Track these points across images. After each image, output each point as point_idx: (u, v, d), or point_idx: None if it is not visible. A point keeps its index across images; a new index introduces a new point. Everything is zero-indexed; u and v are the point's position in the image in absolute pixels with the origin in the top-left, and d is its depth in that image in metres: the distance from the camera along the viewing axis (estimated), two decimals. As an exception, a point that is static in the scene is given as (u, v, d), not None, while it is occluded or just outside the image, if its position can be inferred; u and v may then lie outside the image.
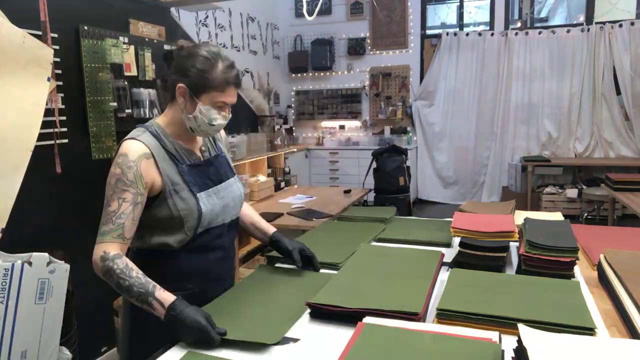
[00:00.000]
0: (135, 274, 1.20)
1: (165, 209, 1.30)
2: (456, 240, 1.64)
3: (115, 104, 2.87)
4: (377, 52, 6.62)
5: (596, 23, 5.72)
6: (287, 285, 1.42)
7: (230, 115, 1.39)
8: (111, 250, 1.21)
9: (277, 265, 1.63)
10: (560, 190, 5.78)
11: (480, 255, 1.48)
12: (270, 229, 1.60)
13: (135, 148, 1.28)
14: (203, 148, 1.45)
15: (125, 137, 1.32)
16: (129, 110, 3.01)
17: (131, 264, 1.21)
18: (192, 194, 1.32)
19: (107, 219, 1.23)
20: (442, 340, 1.01)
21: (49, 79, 1.92)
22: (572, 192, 5.61)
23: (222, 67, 1.30)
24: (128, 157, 1.26)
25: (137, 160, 1.26)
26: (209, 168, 1.42)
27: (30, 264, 1.57)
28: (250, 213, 1.63)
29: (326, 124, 6.98)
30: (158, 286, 1.18)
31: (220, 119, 1.35)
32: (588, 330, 1.04)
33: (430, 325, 1.12)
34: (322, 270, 1.54)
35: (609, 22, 5.66)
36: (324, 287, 1.32)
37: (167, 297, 1.16)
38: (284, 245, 1.53)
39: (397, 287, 1.30)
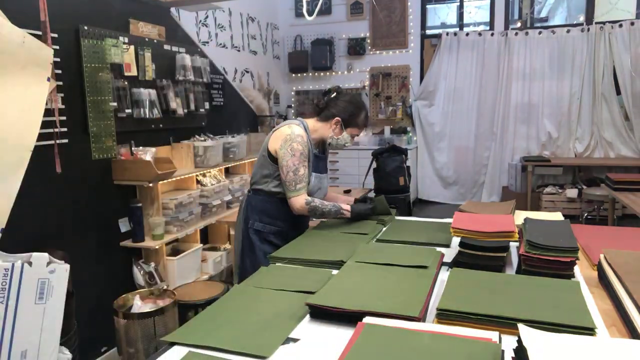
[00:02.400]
0: (327, 203, 2.04)
1: None
2: (456, 240, 1.64)
3: (115, 104, 2.87)
4: (377, 52, 6.62)
5: (596, 23, 5.72)
6: (282, 292, 1.39)
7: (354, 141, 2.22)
8: (307, 197, 1.99)
9: (279, 264, 1.63)
10: (560, 190, 5.78)
11: (480, 255, 1.48)
12: (351, 198, 2.32)
13: (304, 134, 2.02)
14: (318, 149, 2.16)
15: (291, 122, 2.07)
16: (129, 110, 3.01)
17: (320, 200, 2.04)
18: (310, 172, 2.04)
19: (300, 179, 1.96)
20: (442, 340, 1.01)
21: (49, 79, 1.92)
22: (572, 192, 5.61)
23: (363, 115, 2.14)
24: (304, 139, 2.00)
25: (307, 141, 2.03)
26: (321, 161, 2.17)
27: (30, 264, 1.57)
28: (337, 195, 2.39)
29: (326, 124, 6.97)
30: (339, 204, 2.07)
31: (349, 143, 2.15)
32: (588, 330, 1.04)
33: (430, 325, 1.12)
34: (321, 269, 1.54)
35: (609, 22, 5.66)
36: (324, 286, 1.32)
37: (347, 207, 2.09)
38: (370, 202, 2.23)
39: (397, 288, 1.30)
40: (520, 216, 1.86)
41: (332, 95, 2.13)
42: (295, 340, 1.11)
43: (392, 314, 1.14)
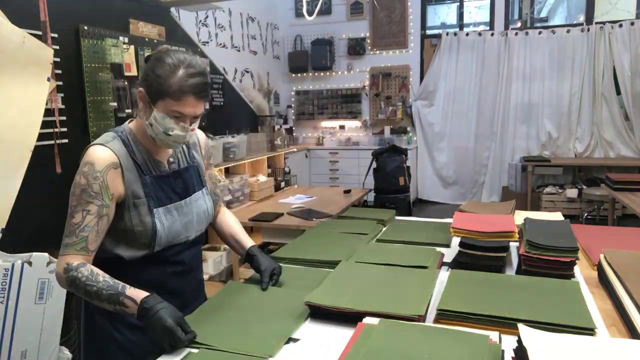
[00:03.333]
0: (102, 278, 1.15)
1: (122, 222, 1.24)
2: (456, 240, 1.64)
3: (115, 104, 2.87)
4: (377, 52, 6.62)
5: (596, 23, 5.72)
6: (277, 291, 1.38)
7: (194, 128, 1.27)
8: (74, 260, 1.17)
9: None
10: (560, 190, 5.78)
11: (480, 255, 1.48)
12: (248, 242, 1.49)
13: (104, 157, 1.21)
14: (172, 159, 1.35)
15: (94, 142, 1.25)
16: (129, 110, 3.01)
17: (96, 270, 1.17)
18: (149, 210, 1.25)
19: (70, 231, 1.18)
20: (442, 338, 1.01)
21: (49, 79, 1.93)
22: (572, 192, 5.61)
23: (181, 74, 1.19)
24: (94, 166, 1.20)
25: (105, 170, 1.20)
26: (175, 180, 1.33)
27: (30, 264, 1.57)
28: (231, 222, 1.55)
29: (326, 124, 6.98)
30: (128, 285, 1.14)
31: (178, 129, 1.23)
32: (588, 330, 1.04)
33: (430, 326, 1.12)
34: (322, 269, 1.54)
35: (609, 22, 5.66)
36: (321, 284, 1.32)
37: (138, 293, 1.13)
38: (257, 263, 1.42)
39: (397, 288, 1.30)
40: (520, 216, 1.86)
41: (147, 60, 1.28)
42: (295, 340, 1.11)
43: (393, 314, 1.14)
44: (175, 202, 1.31)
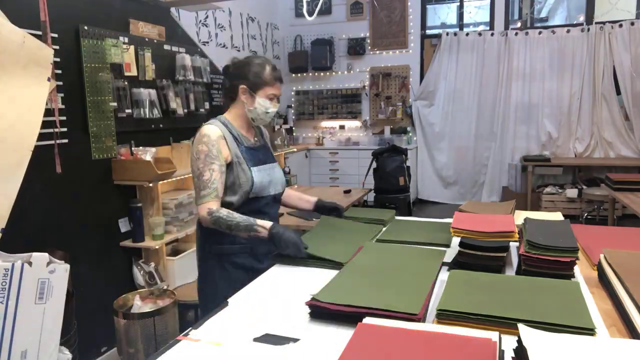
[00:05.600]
0: (237, 214, 1.65)
1: (231, 176, 1.74)
2: (456, 240, 1.64)
3: (115, 104, 2.87)
4: (377, 52, 6.62)
5: (596, 23, 5.72)
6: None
7: (278, 104, 1.85)
8: (213, 205, 1.66)
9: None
10: (560, 190, 5.78)
11: (480, 255, 1.48)
12: (313, 198, 2.08)
13: (214, 131, 1.72)
14: (255, 138, 1.90)
15: (205, 123, 1.78)
16: (129, 110, 3.01)
17: (230, 210, 1.67)
18: (248, 167, 1.76)
19: (204, 185, 1.66)
20: (441, 339, 1.01)
21: (49, 79, 1.92)
22: (572, 192, 5.61)
23: (269, 69, 1.79)
24: (210, 137, 1.70)
25: (217, 140, 1.70)
26: (259, 151, 1.86)
27: (30, 264, 1.57)
28: (296, 192, 2.14)
29: (326, 124, 6.98)
30: (257, 220, 1.64)
31: (272, 107, 1.80)
32: (588, 330, 1.04)
33: (430, 326, 1.12)
34: (325, 270, 1.54)
35: (609, 22, 5.66)
36: (326, 285, 1.32)
37: (265, 223, 1.64)
38: (327, 206, 2.03)
39: (398, 287, 1.30)
40: (520, 216, 1.86)
41: (229, 67, 1.84)
42: (295, 340, 1.11)
43: (392, 311, 1.14)
44: (263, 165, 1.83)
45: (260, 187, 1.77)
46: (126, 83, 2.98)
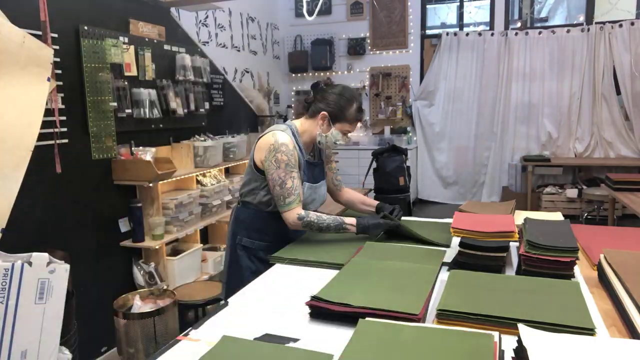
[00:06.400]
0: (326, 216, 1.80)
1: None
2: (456, 240, 1.64)
3: (115, 104, 2.87)
4: (377, 52, 6.62)
5: (596, 23, 5.72)
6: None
7: (350, 139, 1.93)
8: (300, 211, 1.77)
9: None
10: (560, 190, 5.78)
11: (480, 255, 1.48)
12: (374, 201, 2.12)
13: (290, 140, 1.79)
14: (312, 153, 1.97)
15: (275, 128, 1.83)
16: (129, 110, 3.01)
17: (318, 213, 1.82)
18: (301, 182, 1.84)
19: (289, 192, 1.74)
20: (441, 338, 1.01)
21: (49, 79, 1.92)
22: (572, 192, 5.61)
23: (354, 108, 1.84)
24: (289, 147, 1.76)
25: (293, 150, 1.78)
26: (315, 168, 1.95)
27: (30, 264, 1.57)
28: (357, 195, 2.19)
29: (326, 124, 6.97)
30: (344, 219, 1.80)
31: (342, 141, 1.87)
32: (588, 330, 1.04)
33: (430, 326, 1.12)
34: (326, 270, 1.54)
35: (609, 22, 5.66)
36: (326, 285, 1.32)
37: (352, 220, 1.81)
38: (385, 209, 1.99)
39: (398, 287, 1.30)
40: (520, 216, 1.86)
41: (321, 88, 1.91)
42: (295, 340, 1.11)
43: (392, 311, 1.14)
44: (312, 183, 1.91)
45: (302, 203, 1.83)
46: (126, 83, 2.98)
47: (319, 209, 2.04)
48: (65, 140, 2.56)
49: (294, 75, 6.95)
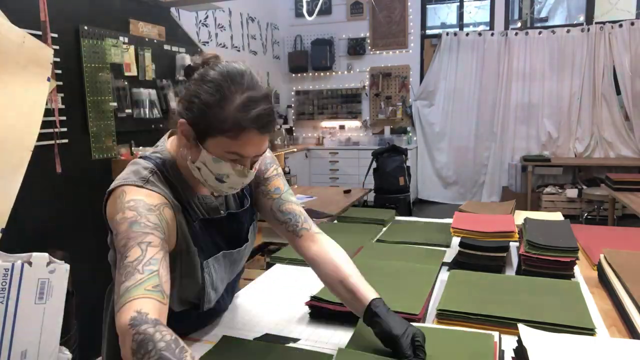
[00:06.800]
0: (189, 355, 0.74)
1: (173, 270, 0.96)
2: (456, 240, 1.64)
3: (115, 104, 2.87)
4: (377, 52, 6.62)
5: (596, 23, 5.72)
6: None
7: (256, 168, 0.98)
8: (147, 310, 0.77)
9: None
10: (560, 190, 5.78)
11: (480, 255, 1.48)
12: (369, 292, 1.02)
13: (154, 196, 0.93)
14: (216, 198, 1.08)
15: (125, 181, 0.94)
16: (129, 110, 3.01)
17: (180, 340, 0.75)
18: (199, 263, 1.01)
19: (129, 271, 0.81)
20: (441, 336, 1.01)
21: (49, 79, 1.92)
22: (572, 192, 5.61)
23: (239, 102, 0.88)
24: (145, 201, 0.90)
25: (160, 205, 0.92)
26: (229, 224, 1.07)
27: (30, 264, 1.57)
28: (338, 261, 1.06)
29: (326, 124, 6.98)
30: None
31: (234, 174, 0.94)
32: (588, 330, 1.04)
33: (430, 326, 1.12)
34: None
35: (609, 22, 5.66)
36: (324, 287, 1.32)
37: None
38: (386, 326, 0.94)
39: (398, 287, 1.30)
40: (520, 216, 1.86)
41: (189, 75, 0.96)
42: (295, 340, 1.11)
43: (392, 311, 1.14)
44: (224, 250, 1.07)
45: (217, 289, 1.08)
46: (126, 83, 2.98)
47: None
48: (65, 140, 2.56)
49: (294, 75, 6.95)
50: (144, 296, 0.78)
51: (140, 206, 0.89)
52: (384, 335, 0.94)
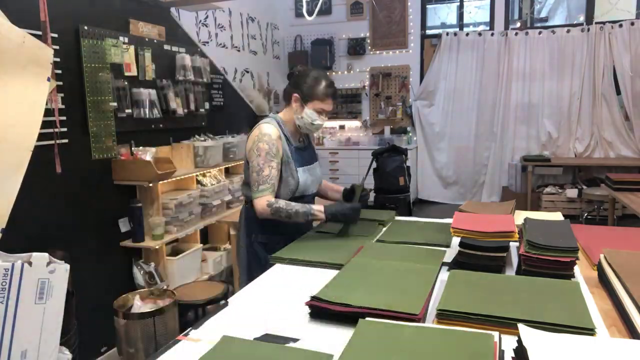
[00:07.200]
0: (294, 203, 1.82)
1: (281, 173, 1.89)
2: (456, 240, 1.64)
3: (115, 104, 2.87)
4: (377, 52, 6.62)
5: (596, 23, 5.72)
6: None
7: (327, 119, 1.97)
8: (271, 198, 1.81)
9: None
10: (560, 190, 5.78)
11: (480, 255, 1.48)
12: (341, 188, 2.21)
13: (274, 131, 1.88)
14: (301, 139, 2.05)
15: (262, 122, 1.92)
16: (129, 110, 3.01)
17: (288, 201, 1.84)
18: (295, 168, 1.92)
19: (264, 180, 1.81)
20: (440, 337, 1.01)
21: (49, 79, 1.92)
22: (572, 192, 5.61)
23: (323, 85, 1.91)
24: (271, 136, 1.85)
25: (277, 139, 1.87)
26: (305, 151, 2.03)
27: (30, 264, 1.57)
28: (328, 184, 2.24)
29: (326, 124, 6.96)
30: (312, 206, 1.84)
31: (319, 120, 1.92)
32: (588, 330, 1.04)
33: (430, 326, 1.12)
34: (326, 270, 1.54)
35: (609, 22, 5.66)
36: (326, 285, 1.32)
37: (320, 207, 1.85)
38: (351, 191, 2.07)
39: (398, 287, 1.30)
40: (520, 216, 1.86)
41: (293, 74, 2.01)
42: (295, 340, 1.11)
43: (392, 311, 1.14)
44: (308, 165, 2.00)
45: (304, 187, 1.95)
46: (126, 83, 2.98)
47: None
48: (65, 140, 2.56)
49: (294, 75, 6.94)
50: (269, 194, 1.83)
51: (270, 140, 1.85)
52: (348, 196, 2.08)
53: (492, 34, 6.11)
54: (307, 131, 1.99)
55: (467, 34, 6.22)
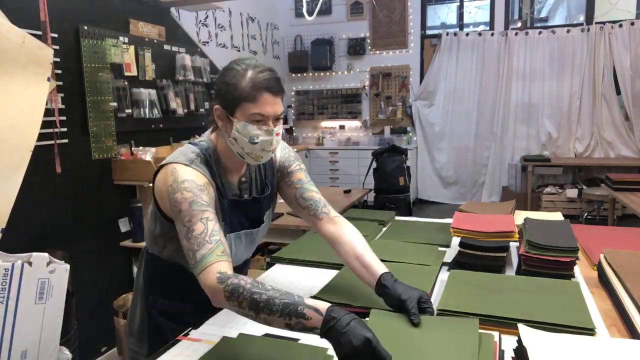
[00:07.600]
0: (269, 285, 1.00)
1: None
2: (456, 240, 1.64)
3: (115, 104, 2.87)
4: (377, 52, 6.62)
5: (596, 23, 5.72)
6: None
7: (278, 132, 1.18)
8: (223, 266, 1.02)
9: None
10: (560, 190, 5.78)
11: (480, 255, 1.48)
12: (380, 267, 1.19)
13: (198, 177, 1.14)
14: (244, 179, 1.29)
15: (175, 160, 1.16)
16: (129, 110, 3.01)
17: (254, 279, 1.02)
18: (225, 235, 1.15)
19: (199, 243, 1.05)
20: (440, 331, 1.01)
21: (49, 79, 1.92)
22: (572, 192, 5.61)
23: (251, 74, 1.13)
24: (195, 182, 1.12)
25: (206, 184, 1.14)
26: (252, 206, 1.30)
27: (30, 264, 1.57)
28: (354, 241, 1.25)
29: (326, 124, 6.98)
30: (306, 301, 0.97)
31: (263, 134, 1.14)
32: (588, 330, 1.04)
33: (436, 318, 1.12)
34: (326, 270, 1.54)
35: (609, 22, 5.66)
36: (326, 285, 1.32)
37: (319, 302, 0.96)
38: (395, 293, 1.12)
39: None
40: (520, 216, 1.86)
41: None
42: (295, 340, 1.11)
43: (392, 311, 1.14)
44: (246, 230, 1.29)
45: (233, 261, 1.15)
46: (126, 83, 2.98)
47: None
48: (65, 140, 2.56)
49: (294, 75, 6.95)
50: (218, 260, 1.03)
51: (193, 187, 1.11)
52: (393, 303, 1.13)
53: (492, 34, 6.11)
54: (257, 158, 1.20)
55: (467, 34, 6.22)
